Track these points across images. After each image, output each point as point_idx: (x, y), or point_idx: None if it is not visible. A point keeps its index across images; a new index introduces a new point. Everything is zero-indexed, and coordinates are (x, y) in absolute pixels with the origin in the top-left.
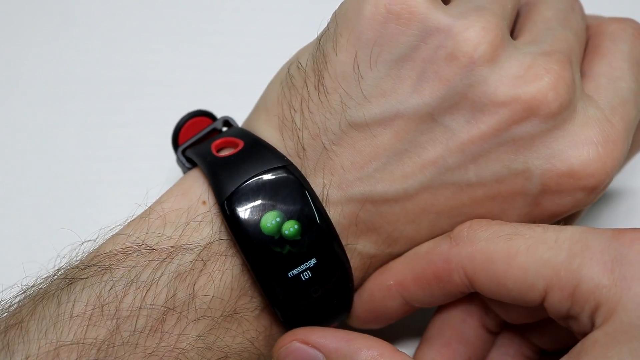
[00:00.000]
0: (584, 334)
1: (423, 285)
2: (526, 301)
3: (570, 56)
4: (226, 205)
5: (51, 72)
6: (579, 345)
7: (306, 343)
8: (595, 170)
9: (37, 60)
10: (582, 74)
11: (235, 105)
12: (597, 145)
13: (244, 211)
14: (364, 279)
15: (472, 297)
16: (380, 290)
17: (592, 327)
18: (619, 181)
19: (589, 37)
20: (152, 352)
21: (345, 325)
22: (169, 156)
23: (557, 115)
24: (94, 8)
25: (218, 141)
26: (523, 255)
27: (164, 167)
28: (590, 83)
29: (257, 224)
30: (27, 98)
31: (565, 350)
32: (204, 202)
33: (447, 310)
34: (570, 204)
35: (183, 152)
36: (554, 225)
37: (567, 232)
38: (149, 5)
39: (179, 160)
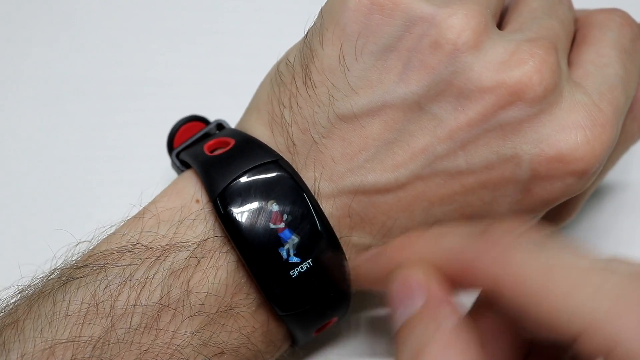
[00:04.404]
0: None
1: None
2: (554, 337)
3: (555, 43)
4: (219, 202)
5: (48, 72)
6: None
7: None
8: (584, 154)
9: (36, 60)
10: (570, 62)
11: (234, 105)
12: (585, 129)
13: (236, 207)
14: None
15: None
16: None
17: None
18: (613, 176)
19: (577, 29)
20: (148, 349)
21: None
22: (165, 157)
23: (543, 99)
24: (93, 8)
25: (211, 142)
26: (563, 288)
27: (160, 167)
28: (577, 70)
29: (249, 219)
30: (23, 98)
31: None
32: (197, 201)
33: None
34: (561, 190)
35: (177, 155)
36: (601, 261)
37: (615, 278)
38: (148, 6)
39: (173, 164)
